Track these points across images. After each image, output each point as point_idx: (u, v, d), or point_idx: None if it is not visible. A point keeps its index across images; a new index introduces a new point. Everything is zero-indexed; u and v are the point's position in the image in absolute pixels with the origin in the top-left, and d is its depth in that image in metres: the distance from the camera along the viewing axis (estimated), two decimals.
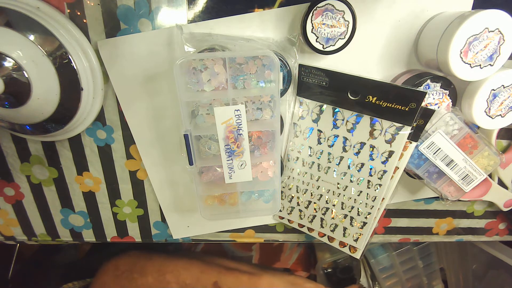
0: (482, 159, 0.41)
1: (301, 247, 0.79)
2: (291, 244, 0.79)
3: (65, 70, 0.36)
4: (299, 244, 0.80)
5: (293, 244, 0.79)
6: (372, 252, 0.72)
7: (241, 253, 0.77)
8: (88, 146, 0.46)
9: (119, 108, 0.43)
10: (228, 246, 0.78)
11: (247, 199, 0.43)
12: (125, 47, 0.39)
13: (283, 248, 0.78)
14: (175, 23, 0.38)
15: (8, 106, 0.36)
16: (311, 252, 0.81)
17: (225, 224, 0.53)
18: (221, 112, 0.36)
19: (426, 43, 0.38)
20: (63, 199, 0.50)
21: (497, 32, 0.33)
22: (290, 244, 0.79)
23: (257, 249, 0.77)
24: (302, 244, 0.81)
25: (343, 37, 0.36)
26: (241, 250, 0.77)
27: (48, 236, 0.54)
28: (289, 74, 0.39)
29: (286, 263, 0.77)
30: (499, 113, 0.38)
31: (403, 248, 0.71)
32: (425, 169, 0.42)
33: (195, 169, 0.39)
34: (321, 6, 0.35)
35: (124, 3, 0.37)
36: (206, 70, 0.36)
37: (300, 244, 0.80)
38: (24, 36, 0.34)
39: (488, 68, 0.35)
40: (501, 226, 0.56)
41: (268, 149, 0.40)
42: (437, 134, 0.39)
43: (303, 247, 0.80)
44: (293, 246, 0.79)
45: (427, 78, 0.38)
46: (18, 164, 0.47)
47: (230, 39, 0.38)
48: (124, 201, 0.50)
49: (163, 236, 0.54)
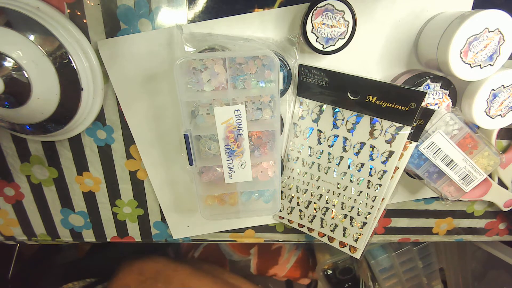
0: (482, 159, 0.41)
1: (299, 250, 0.79)
2: (290, 248, 0.79)
3: (65, 70, 0.36)
4: (297, 247, 0.80)
5: (291, 247, 0.79)
6: (372, 253, 0.72)
7: (240, 257, 0.76)
8: (88, 146, 0.46)
9: (119, 108, 0.43)
10: (226, 250, 0.77)
11: (247, 199, 0.43)
12: (125, 47, 0.39)
13: (281, 251, 0.78)
14: (175, 23, 0.38)
15: (8, 106, 0.36)
16: (310, 255, 0.81)
17: (225, 224, 0.53)
18: (221, 112, 0.36)
19: (426, 43, 0.38)
20: (63, 199, 0.50)
21: (497, 32, 0.33)
22: (289, 247, 0.79)
23: (255, 253, 0.77)
24: (301, 247, 0.80)
25: (343, 37, 0.36)
26: (239, 253, 0.77)
27: (48, 236, 0.54)
28: (289, 74, 0.39)
29: (284, 267, 0.76)
30: (499, 113, 0.38)
31: (403, 248, 0.71)
32: (425, 169, 0.42)
33: (195, 169, 0.39)
34: (321, 6, 0.35)
35: (124, 3, 0.37)
36: (206, 70, 0.36)
37: (298, 247, 0.80)
38: (24, 36, 0.34)
39: (488, 68, 0.35)
40: (501, 226, 0.56)
41: (268, 149, 0.40)
42: (437, 134, 0.39)
43: (301, 250, 0.79)
44: (291, 249, 0.79)
45: (427, 78, 0.38)
46: (18, 164, 0.47)
47: (230, 39, 0.38)
48: (124, 201, 0.50)
49: (163, 236, 0.54)
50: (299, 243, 0.80)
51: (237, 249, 0.78)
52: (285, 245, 0.79)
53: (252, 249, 0.78)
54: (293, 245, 0.79)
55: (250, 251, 0.77)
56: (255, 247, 0.78)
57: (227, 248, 0.78)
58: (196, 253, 0.78)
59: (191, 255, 0.79)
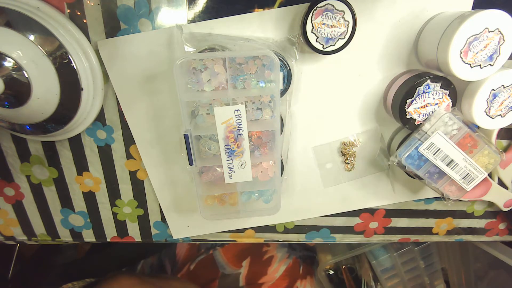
0: (482, 157, 0.41)
1: (290, 259, 0.79)
2: (281, 256, 0.79)
3: (65, 70, 0.36)
4: (289, 255, 0.80)
5: (283, 255, 0.79)
6: (373, 253, 0.72)
7: (231, 270, 0.77)
8: (88, 146, 0.46)
9: (119, 108, 0.43)
10: (221, 262, 0.78)
11: (247, 199, 0.43)
12: (125, 47, 0.39)
13: (272, 261, 0.78)
14: (175, 23, 0.38)
15: (8, 106, 0.36)
16: (304, 261, 0.81)
17: (225, 224, 0.53)
18: (221, 112, 0.36)
19: (426, 43, 0.38)
20: (63, 199, 0.50)
21: (497, 32, 0.33)
22: (280, 256, 0.79)
23: (246, 265, 0.77)
24: (293, 255, 0.80)
25: (343, 37, 0.36)
26: (232, 266, 0.77)
27: (48, 236, 0.54)
28: (289, 74, 0.39)
29: (272, 276, 0.76)
30: (499, 113, 0.38)
31: (404, 248, 0.71)
32: (425, 169, 0.42)
33: (195, 169, 0.39)
34: (321, 6, 0.35)
35: (124, 3, 0.37)
36: (206, 70, 0.36)
37: (290, 255, 0.80)
38: (24, 36, 0.34)
39: (488, 68, 0.35)
40: (501, 226, 0.56)
41: (268, 149, 0.40)
42: (436, 135, 0.39)
43: (293, 258, 0.79)
44: (282, 258, 0.79)
45: (427, 78, 0.38)
46: (18, 164, 0.47)
47: (230, 39, 0.38)
48: (124, 201, 0.50)
49: (163, 236, 0.54)
50: (293, 251, 0.80)
51: (230, 261, 0.78)
52: (277, 254, 0.79)
53: (244, 261, 0.78)
54: (286, 253, 0.79)
55: (242, 264, 0.77)
56: (248, 259, 0.78)
57: (221, 260, 0.78)
58: (192, 266, 0.78)
59: (187, 267, 0.79)
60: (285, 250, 0.80)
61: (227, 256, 0.78)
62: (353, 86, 0.43)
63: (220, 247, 0.79)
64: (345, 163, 0.47)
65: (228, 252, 0.79)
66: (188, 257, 0.82)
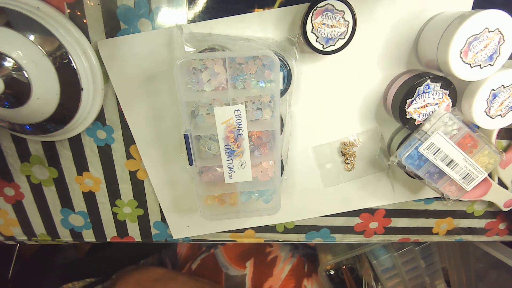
0: (482, 157, 0.41)
1: (295, 257, 0.79)
2: (285, 256, 0.78)
3: (65, 70, 0.36)
4: (293, 254, 0.79)
5: (287, 255, 0.79)
6: (374, 253, 0.72)
7: (236, 271, 0.76)
8: (88, 146, 0.46)
9: (119, 108, 0.43)
10: (223, 262, 0.77)
11: (247, 199, 0.43)
12: (125, 47, 0.39)
13: (277, 261, 0.77)
14: (175, 23, 0.38)
15: (8, 106, 0.36)
16: (307, 259, 0.81)
17: (225, 224, 0.53)
18: (221, 112, 0.36)
19: (426, 43, 0.38)
20: (63, 199, 0.50)
21: (497, 32, 0.33)
22: (284, 255, 0.78)
23: (251, 266, 0.77)
24: (297, 254, 0.80)
25: (343, 37, 0.36)
26: (236, 266, 0.77)
27: (48, 236, 0.54)
28: (289, 74, 0.39)
29: (278, 277, 0.76)
30: (499, 113, 0.38)
31: (405, 248, 0.71)
32: (425, 169, 0.42)
33: (195, 169, 0.39)
34: (321, 6, 0.35)
35: (124, 3, 0.37)
36: (206, 70, 0.36)
37: (294, 254, 0.79)
38: (24, 36, 0.34)
39: (488, 68, 0.35)
40: (501, 226, 0.56)
41: (268, 149, 0.40)
42: (436, 135, 0.39)
43: (297, 257, 0.79)
44: (286, 257, 0.78)
45: (427, 78, 0.38)
46: (18, 164, 0.47)
47: (230, 39, 0.38)
48: (124, 201, 0.50)
49: (163, 236, 0.54)
50: (296, 250, 0.80)
51: (233, 261, 0.77)
52: (281, 254, 0.78)
53: (248, 262, 0.77)
54: (289, 253, 0.79)
55: (246, 264, 0.77)
56: (251, 260, 0.77)
57: (224, 260, 0.78)
58: (193, 265, 0.78)
59: (189, 266, 0.78)
60: (288, 249, 0.80)
61: (230, 256, 0.78)
62: (353, 86, 0.43)
63: (221, 245, 0.79)
64: (345, 163, 0.47)
65: (230, 252, 0.78)
66: (189, 256, 0.82)
